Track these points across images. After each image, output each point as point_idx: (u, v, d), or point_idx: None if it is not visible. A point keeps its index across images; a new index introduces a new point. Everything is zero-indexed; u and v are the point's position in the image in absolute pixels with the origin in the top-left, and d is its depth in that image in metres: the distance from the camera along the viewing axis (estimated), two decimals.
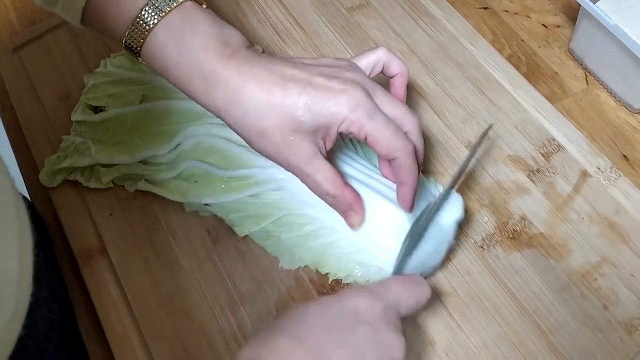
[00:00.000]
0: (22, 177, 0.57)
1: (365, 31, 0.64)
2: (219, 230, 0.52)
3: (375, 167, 0.51)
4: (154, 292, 0.49)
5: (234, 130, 0.45)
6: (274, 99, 0.42)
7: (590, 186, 0.53)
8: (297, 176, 0.45)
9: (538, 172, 0.54)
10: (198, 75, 0.43)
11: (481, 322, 0.47)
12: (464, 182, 0.54)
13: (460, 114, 0.58)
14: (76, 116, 0.57)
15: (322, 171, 0.44)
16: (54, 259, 0.54)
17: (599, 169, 0.54)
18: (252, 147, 0.45)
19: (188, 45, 0.43)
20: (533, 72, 0.62)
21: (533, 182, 0.54)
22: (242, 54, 0.44)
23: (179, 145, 0.55)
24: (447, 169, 0.55)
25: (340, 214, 0.47)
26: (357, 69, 0.47)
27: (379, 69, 0.50)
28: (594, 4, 0.57)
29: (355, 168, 0.50)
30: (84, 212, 0.54)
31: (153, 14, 0.43)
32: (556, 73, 0.62)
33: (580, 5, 0.58)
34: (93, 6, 0.45)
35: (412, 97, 0.59)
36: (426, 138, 0.56)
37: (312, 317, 0.37)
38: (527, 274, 0.49)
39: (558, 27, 0.65)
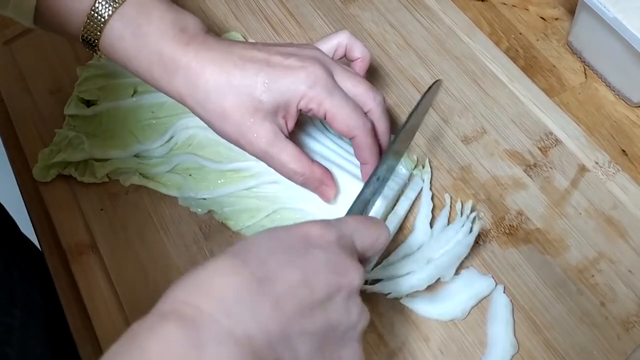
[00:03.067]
0: (12, 171, 0.56)
1: (360, 23, 0.63)
2: (210, 225, 0.52)
3: (341, 142, 0.52)
4: (145, 288, 0.49)
5: (197, 115, 0.45)
6: (233, 79, 0.43)
7: (588, 181, 0.52)
8: (261, 158, 0.45)
9: (535, 167, 0.53)
10: (158, 63, 0.44)
11: (476, 318, 0.47)
12: (459, 177, 0.53)
13: (456, 107, 0.57)
14: (69, 109, 0.57)
15: (285, 150, 0.44)
16: (16, 261, 0.53)
17: (596, 163, 0.53)
18: (214, 130, 0.45)
19: (145, 34, 0.44)
20: (530, 65, 0.61)
21: (530, 176, 0.53)
22: (199, 38, 0.44)
23: (171, 138, 0.54)
24: (442, 162, 0.54)
25: (313, 190, 0.47)
26: (316, 48, 0.47)
27: (340, 52, 0.50)
28: None
29: (322, 143, 0.51)
30: (75, 207, 0.53)
31: (107, 6, 0.43)
32: (554, 66, 0.61)
33: None
34: (44, 4, 0.45)
35: (407, 89, 0.58)
36: (421, 131, 0.55)
37: (256, 241, 0.33)
38: (523, 270, 0.48)
39: (556, 19, 0.64)
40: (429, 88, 0.48)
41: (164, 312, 0.29)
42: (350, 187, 0.49)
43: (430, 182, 0.52)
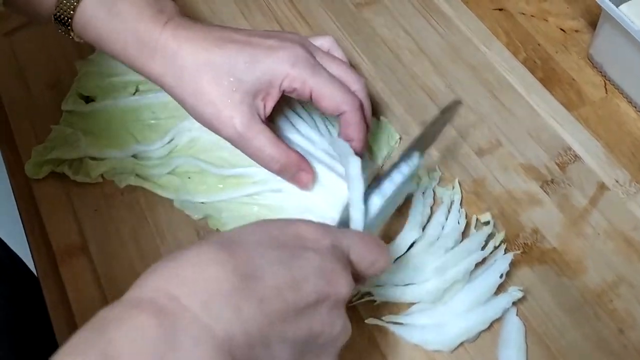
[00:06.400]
0: (4, 166, 0.54)
1: (373, 28, 0.61)
2: (209, 231, 0.49)
3: (316, 133, 0.50)
4: None
5: (172, 95, 0.44)
6: (212, 57, 0.42)
7: (608, 199, 0.50)
8: (235, 143, 0.43)
9: (552, 183, 0.51)
10: (133, 43, 0.43)
11: (486, 341, 0.44)
12: (472, 190, 0.50)
13: (470, 117, 0.55)
14: (66, 105, 0.55)
15: (261, 134, 0.43)
16: None
17: (617, 181, 0.51)
18: (188, 111, 0.44)
19: (120, 13, 0.43)
20: (549, 77, 0.58)
21: (546, 192, 0.50)
22: (176, 19, 0.44)
23: (172, 140, 0.52)
24: (454, 175, 0.51)
25: (289, 179, 0.45)
26: (296, 33, 0.47)
27: None
28: (617, 6, 0.54)
29: (299, 133, 0.49)
30: (67, 207, 0.51)
31: None
32: (573, 79, 0.58)
33: (601, 9, 0.55)
34: None
35: (419, 97, 0.56)
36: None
37: (246, 234, 0.31)
38: (537, 292, 0.46)
39: (576, 31, 0.62)
40: (447, 107, 0.46)
41: (137, 300, 0.26)
42: (329, 180, 0.46)
43: (461, 204, 0.49)
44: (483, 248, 0.46)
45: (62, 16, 0.43)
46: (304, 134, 0.49)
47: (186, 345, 0.25)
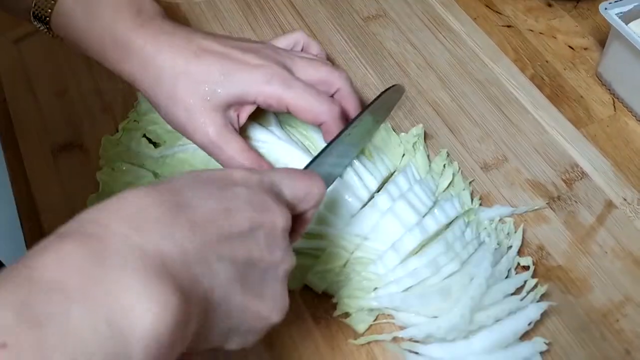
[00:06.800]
0: (7, 172, 0.54)
1: (381, 42, 0.61)
2: None
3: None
4: None
5: (147, 97, 0.45)
6: (189, 66, 0.43)
7: (615, 218, 0.49)
8: (207, 149, 0.44)
9: (559, 200, 0.50)
10: (110, 43, 0.43)
11: None
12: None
13: (476, 132, 0.54)
14: (137, 146, 0.52)
15: (232, 142, 0.43)
16: None
17: (625, 199, 0.50)
18: (161, 114, 0.45)
19: (98, 12, 0.43)
20: (557, 94, 0.58)
21: (553, 209, 0.49)
22: (156, 21, 0.44)
23: None
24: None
25: None
26: (273, 46, 0.47)
27: (298, 50, 0.50)
28: (626, 24, 0.53)
29: (272, 132, 0.48)
30: (67, 212, 0.50)
31: None
32: (581, 97, 0.58)
33: (610, 27, 0.55)
34: None
35: (425, 111, 0.55)
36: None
37: (176, 177, 0.31)
38: None
39: (585, 49, 0.62)
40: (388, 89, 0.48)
41: (64, 233, 0.25)
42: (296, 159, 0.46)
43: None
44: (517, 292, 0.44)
45: (39, 14, 0.44)
46: (271, 130, 0.49)
47: (115, 263, 0.24)
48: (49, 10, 0.43)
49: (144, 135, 0.52)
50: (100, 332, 0.22)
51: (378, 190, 0.47)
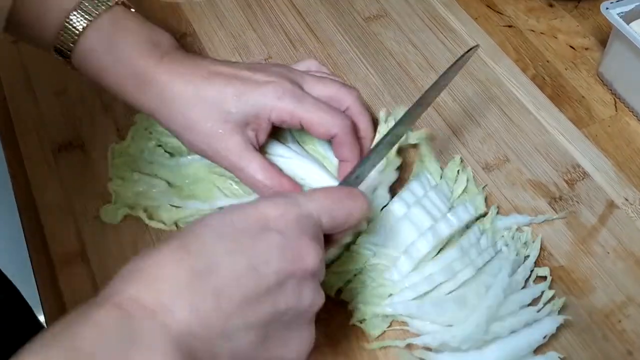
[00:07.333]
0: (7, 172, 0.54)
1: (382, 42, 0.61)
2: None
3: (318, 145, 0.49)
4: None
5: (166, 128, 0.45)
6: (201, 91, 0.43)
7: (617, 218, 0.49)
8: (229, 169, 0.45)
9: (560, 200, 0.50)
10: (130, 77, 0.44)
11: None
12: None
13: (477, 132, 0.54)
14: (150, 156, 0.51)
15: (253, 162, 0.44)
16: None
17: (626, 200, 0.50)
18: (182, 142, 0.45)
19: (119, 48, 0.44)
20: (558, 94, 0.58)
21: (554, 210, 0.49)
22: (171, 54, 0.44)
23: None
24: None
25: None
26: (283, 65, 0.47)
27: None
28: (627, 24, 0.53)
29: (289, 148, 0.48)
30: (67, 212, 0.50)
31: (81, 18, 0.44)
32: (583, 97, 0.58)
33: (611, 27, 0.55)
34: (17, 12, 0.44)
35: (427, 112, 0.55)
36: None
37: (207, 226, 0.31)
38: None
39: (586, 49, 0.62)
40: (464, 54, 0.46)
41: (101, 301, 0.28)
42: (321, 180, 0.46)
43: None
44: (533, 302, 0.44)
45: (62, 48, 0.44)
46: (288, 146, 0.48)
47: (145, 341, 0.27)
48: (72, 45, 0.44)
49: (159, 145, 0.51)
50: None
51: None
